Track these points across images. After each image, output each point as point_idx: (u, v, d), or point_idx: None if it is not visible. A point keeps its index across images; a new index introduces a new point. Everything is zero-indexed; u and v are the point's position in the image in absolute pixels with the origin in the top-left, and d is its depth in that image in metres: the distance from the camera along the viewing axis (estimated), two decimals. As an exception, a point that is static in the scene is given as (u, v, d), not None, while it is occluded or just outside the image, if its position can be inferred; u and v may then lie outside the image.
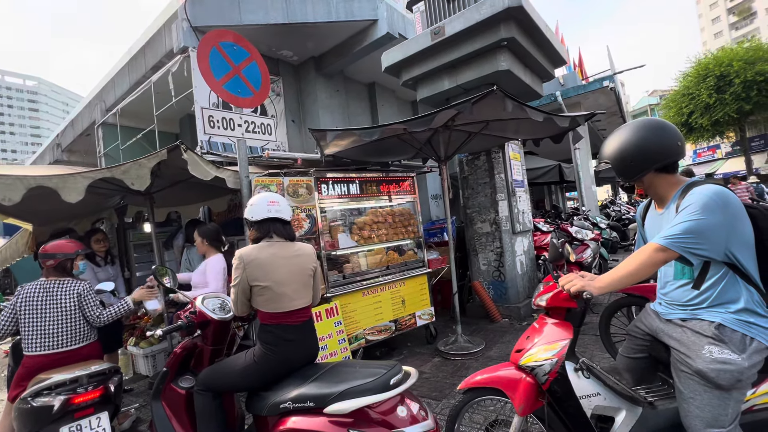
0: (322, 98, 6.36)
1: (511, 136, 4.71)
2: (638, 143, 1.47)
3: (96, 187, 3.12)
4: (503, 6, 3.95)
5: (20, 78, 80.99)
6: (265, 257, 1.94)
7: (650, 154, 1.46)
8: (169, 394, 2.20)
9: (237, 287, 1.93)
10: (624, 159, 1.51)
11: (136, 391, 3.96)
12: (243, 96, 3.35)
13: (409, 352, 4.23)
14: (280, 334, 1.91)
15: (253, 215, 2.03)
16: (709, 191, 1.32)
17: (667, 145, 1.45)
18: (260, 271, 1.91)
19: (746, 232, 1.34)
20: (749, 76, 14.11)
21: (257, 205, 2.04)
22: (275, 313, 1.93)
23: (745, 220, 1.34)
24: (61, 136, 8.57)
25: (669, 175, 1.49)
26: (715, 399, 1.33)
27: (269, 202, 2.04)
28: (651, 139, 1.46)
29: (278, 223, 2.05)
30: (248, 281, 1.91)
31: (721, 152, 25.02)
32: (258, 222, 2.03)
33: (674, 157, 1.46)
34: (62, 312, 2.44)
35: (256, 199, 2.08)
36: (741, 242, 1.33)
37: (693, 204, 1.33)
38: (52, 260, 2.51)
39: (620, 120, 11.73)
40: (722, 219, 1.29)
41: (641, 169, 1.48)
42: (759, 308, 1.36)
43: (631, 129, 1.51)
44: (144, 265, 6.47)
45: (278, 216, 2.04)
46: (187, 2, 4.82)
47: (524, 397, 1.70)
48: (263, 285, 1.90)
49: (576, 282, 1.50)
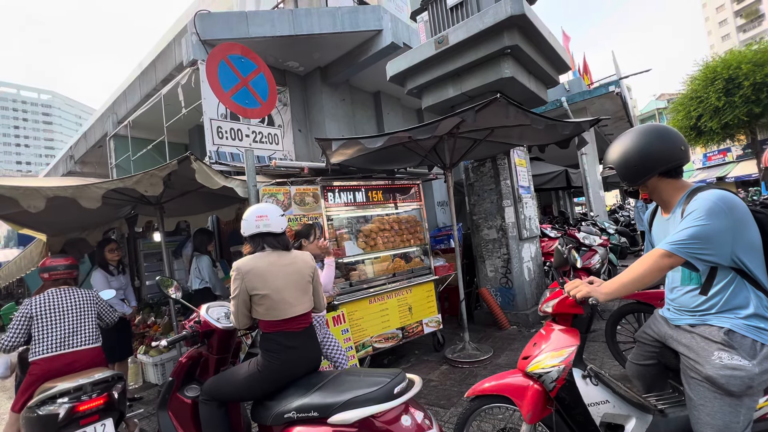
0: (328, 107, 6.44)
1: (516, 142, 4.72)
2: (641, 148, 1.48)
3: (108, 198, 3.20)
4: (506, 14, 3.99)
5: (35, 92, 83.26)
6: (263, 266, 1.96)
7: (653, 159, 1.46)
8: (176, 404, 2.22)
9: (237, 298, 1.94)
10: (627, 163, 1.52)
11: (145, 399, 3.99)
12: (251, 107, 3.41)
13: (416, 360, 4.21)
14: (282, 341, 1.93)
15: (244, 231, 2.09)
16: (714, 196, 1.32)
17: (669, 150, 1.45)
18: (259, 280, 1.93)
19: (753, 236, 1.33)
20: (758, 78, 13.93)
21: (247, 221, 2.08)
22: (276, 321, 1.95)
23: (751, 225, 1.33)
24: (74, 148, 8.77)
25: (673, 179, 1.49)
26: (726, 406, 1.31)
27: (257, 217, 2.06)
28: (654, 143, 1.47)
29: (269, 237, 2.07)
30: (247, 291, 1.93)
31: (732, 155, 24.64)
32: (249, 237, 2.08)
33: (677, 162, 1.45)
34: (80, 312, 2.63)
35: (247, 213, 2.12)
36: (748, 247, 1.32)
37: (698, 209, 1.32)
38: (47, 273, 2.70)
39: (627, 125, 11.66)
40: (728, 224, 1.28)
41: (644, 173, 1.49)
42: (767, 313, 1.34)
43: (635, 134, 1.52)
44: (153, 274, 6.56)
45: (267, 230, 2.06)
46: (197, 17, 4.95)
47: (532, 404, 1.68)
48: (262, 293, 1.92)
49: (581, 288, 1.50)
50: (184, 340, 2.20)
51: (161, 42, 5.94)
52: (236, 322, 2.01)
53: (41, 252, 5.47)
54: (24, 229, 4.64)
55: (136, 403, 3.88)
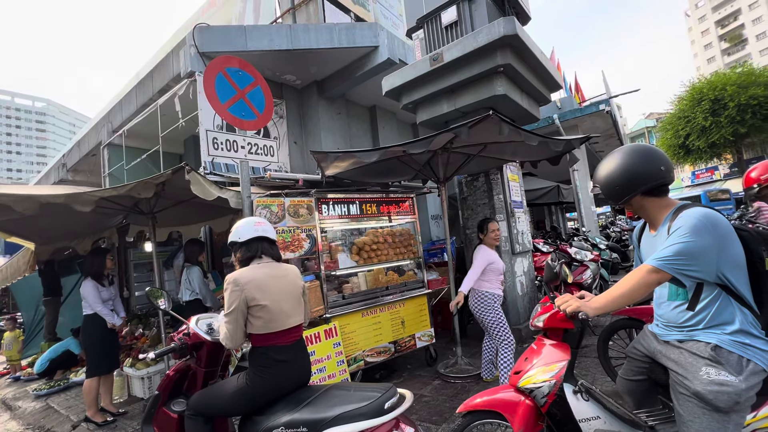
0: (324, 120, 6.50)
1: (508, 158, 4.79)
2: (624, 168, 1.54)
3: (101, 207, 3.18)
4: (499, 34, 4.10)
5: (30, 99, 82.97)
6: (261, 277, 1.93)
7: (635, 179, 1.51)
8: (161, 418, 2.16)
9: (234, 313, 1.85)
10: (612, 183, 1.57)
11: (130, 413, 3.89)
12: (247, 119, 3.45)
13: (408, 375, 4.17)
14: (273, 355, 1.89)
15: (240, 236, 2.06)
16: (698, 213, 1.36)
17: (651, 170, 1.50)
18: (258, 291, 1.88)
19: (737, 253, 1.36)
20: (743, 99, 14.40)
21: (244, 227, 2.08)
22: (269, 334, 1.90)
23: (735, 242, 1.36)
24: (67, 156, 8.70)
25: (658, 198, 1.53)
26: (714, 422, 1.32)
27: (256, 223, 2.10)
28: (637, 164, 1.52)
29: (266, 243, 2.08)
30: (247, 302, 1.86)
31: (719, 174, 25.20)
32: (246, 242, 2.05)
33: (659, 181, 1.50)
34: None
35: (241, 222, 2.13)
36: (732, 263, 1.35)
37: (683, 227, 1.36)
38: None
39: (617, 142, 11.89)
40: (712, 241, 1.32)
41: (627, 192, 1.54)
42: (754, 329, 1.37)
43: (619, 155, 1.58)
44: (143, 284, 6.47)
45: (265, 235, 2.08)
46: (196, 29, 5.01)
47: (523, 420, 1.68)
48: (262, 304, 1.87)
49: (571, 303, 1.51)
50: (173, 353, 2.16)
51: (159, 53, 5.99)
52: (232, 341, 1.90)
53: (28, 261, 5.37)
54: (12, 237, 4.57)
55: (120, 417, 3.78)
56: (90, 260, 3.80)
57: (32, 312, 7.37)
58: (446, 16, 4.94)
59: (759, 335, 1.36)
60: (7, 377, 6.06)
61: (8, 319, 6.99)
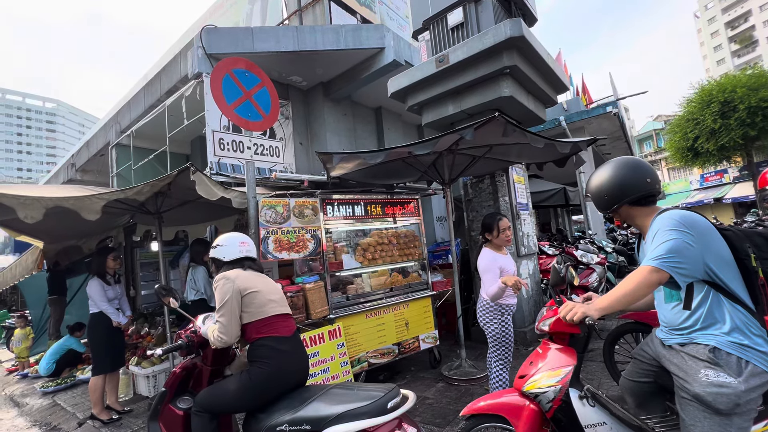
0: (329, 122, 6.52)
1: (514, 159, 4.77)
2: (612, 179, 1.62)
3: (108, 207, 3.21)
4: (505, 36, 4.09)
5: (40, 100, 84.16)
6: (247, 275, 2.10)
7: (621, 190, 1.59)
8: (167, 415, 2.18)
9: (228, 303, 1.96)
10: (601, 193, 1.66)
11: (135, 412, 3.91)
12: (253, 120, 3.46)
13: (412, 377, 4.15)
14: (273, 345, 1.96)
15: (225, 256, 2.17)
16: (672, 214, 1.45)
17: (637, 182, 1.57)
18: (248, 282, 2.05)
19: (720, 249, 1.41)
20: (753, 102, 14.18)
21: (229, 246, 2.18)
22: (264, 321, 1.99)
23: (716, 238, 1.42)
24: (76, 156, 8.81)
25: (645, 207, 1.60)
26: (715, 426, 1.32)
27: (240, 243, 2.20)
28: (623, 175, 1.60)
29: (249, 261, 2.22)
30: (240, 292, 2.00)
31: (728, 177, 24.86)
32: (231, 262, 2.17)
33: (644, 192, 1.56)
34: None
35: (225, 239, 2.21)
36: (718, 259, 1.39)
37: (661, 228, 1.44)
38: None
39: (625, 144, 11.79)
40: (692, 236, 1.38)
41: (615, 201, 1.62)
42: (752, 328, 1.37)
43: (608, 167, 1.66)
44: (149, 283, 6.52)
45: (249, 255, 2.22)
46: (203, 31, 5.06)
47: (528, 425, 1.66)
48: (255, 290, 2.03)
49: (576, 309, 1.50)
50: (180, 350, 2.19)
51: (167, 54, 6.05)
52: (227, 333, 1.95)
53: (36, 259, 5.44)
54: (22, 236, 4.62)
55: (125, 415, 3.81)
56: (95, 259, 3.86)
57: (40, 310, 7.47)
58: (452, 18, 4.94)
59: (758, 334, 1.36)
60: (16, 374, 6.14)
61: (19, 317, 7.09)
